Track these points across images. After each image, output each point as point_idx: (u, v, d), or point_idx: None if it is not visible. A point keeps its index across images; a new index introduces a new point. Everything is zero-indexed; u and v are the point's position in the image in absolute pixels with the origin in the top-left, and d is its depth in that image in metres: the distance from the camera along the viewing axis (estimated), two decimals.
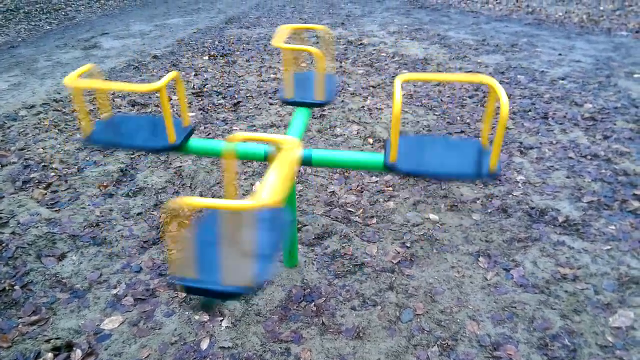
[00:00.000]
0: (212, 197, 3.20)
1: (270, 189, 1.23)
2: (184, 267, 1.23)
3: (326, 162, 1.95)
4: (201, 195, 3.20)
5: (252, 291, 1.21)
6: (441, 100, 4.70)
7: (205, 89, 5.08)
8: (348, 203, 3.12)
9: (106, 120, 2.15)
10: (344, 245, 2.74)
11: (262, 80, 5.33)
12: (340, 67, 5.75)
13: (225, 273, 1.21)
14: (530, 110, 4.42)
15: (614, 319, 2.21)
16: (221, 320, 2.26)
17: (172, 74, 1.87)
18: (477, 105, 4.56)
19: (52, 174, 3.49)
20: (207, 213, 1.50)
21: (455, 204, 3.08)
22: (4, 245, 2.75)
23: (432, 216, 2.97)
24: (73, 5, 10.26)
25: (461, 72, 5.47)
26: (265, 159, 2.00)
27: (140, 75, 5.56)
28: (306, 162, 1.97)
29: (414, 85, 5.07)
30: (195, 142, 2.03)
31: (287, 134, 2.10)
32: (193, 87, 5.15)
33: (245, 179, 3.41)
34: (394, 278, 2.50)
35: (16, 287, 2.46)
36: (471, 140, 1.90)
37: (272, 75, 5.48)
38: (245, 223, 1.16)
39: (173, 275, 1.20)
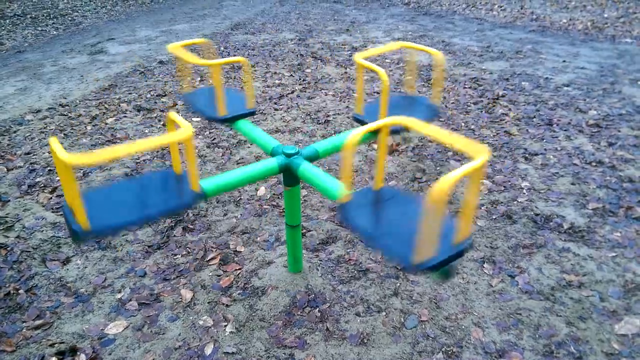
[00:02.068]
0: (217, 203, 3.20)
1: (104, 152, 1.34)
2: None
3: (316, 183, 1.88)
4: (206, 201, 3.21)
5: (86, 235, 1.43)
6: (446, 106, 4.70)
7: None
8: None
9: (208, 88, 2.46)
10: (348, 250, 2.74)
11: (267, 86, 5.35)
12: (345, 73, 5.76)
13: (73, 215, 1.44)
14: (534, 117, 4.41)
15: (620, 326, 2.20)
16: (225, 326, 2.26)
17: (239, 58, 2.06)
18: (481, 111, 4.56)
19: (58, 178, 3.51)
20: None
21: (460, 210, 3.07)
22: (9, 249, 2.76)
23: None
24: (80, 11, 10.34)
25: (467, 78, 5.47)
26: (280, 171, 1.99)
27: (146, 81, 5.59)
28: (300, 175, 1.95)
29: (419, 92, 5.07)
30: (244, 124, 2.21)
31: (315, 143, 2.11)
32: None
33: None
34: (398, 284, 2.49)
35: (21, 291, 2.46)
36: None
37: (277, 81, 5.50)
38: (65, 172, 1.35)
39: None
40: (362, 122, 2.20)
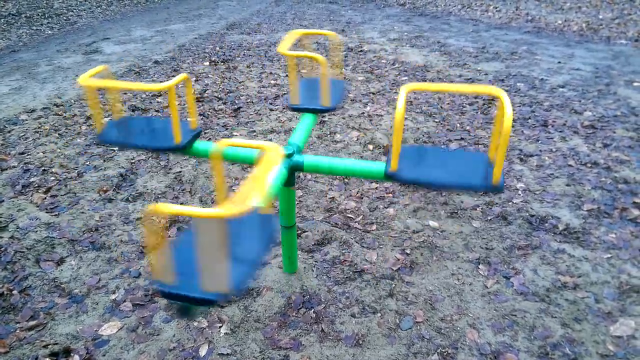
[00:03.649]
0: (212, 203, 3.19)
1: (244, 197, 1.23)
2: (164, 273, 1.24)
3: (327, 170, 1.94)
4: (201, 201, 3.20)
5: (227, 298, 1.24)
6: (441, 107, 4.71)
7: (206, 95, 5.09)
8: (348, 209, 3.12)
9: (117, 120, 2.21)
10: (343, 251, 2.73)
11: (263, 86, 5.34)
12: (341, 72, 5.76)
13: (203, 279, 1.21)
14: (530, 118, 4.42)
15: (615, 327, 2.20)
16: (220, 327, 2.25)
17: (182, 75, 1.92)
18: (476, 112, 4.57)
19: (52, 178, 3.49)
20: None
21: (455, 211, 3.07)
22: (2, 249, 2.74)
23: (432, 223, 2.97)
24: (75, 10, 10.29)
25: (462, 79, 5.48)
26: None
27: (141, 80, 5.57)
28: (307, 168, 1.97)
29: (414, 92, 5.07)
30: (201, 144, 2.06)
31: (291, 139, 2.10)
32: (194, 92, 5.16)
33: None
34: (393, 285, 2.49)
35: (14, 292, 2.44)
36: (478, 153, 1.88)
37: (272, 82, 5.49)
38: (216, 230, 1.16)
39: (154, 280, 1.23)
40: (299, 110, 2.25)
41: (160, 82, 5.51)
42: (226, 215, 1.11)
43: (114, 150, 3.90)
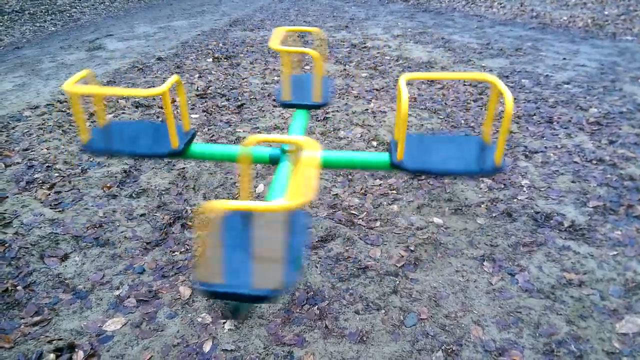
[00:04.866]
0: (216, 199, 3.19)
1: (297, 191, 1.18)
2: (210, 273, 1.18)
3: (333, 163, 1.93)
4: (204, 197, 3.20)
5: (281, 294, 1.20)
6: (445, 103, 4.69)
7: (209, 91, 5.08)
8: (351, 206, 3.11)
9: (103, 127, 2.13)
10: (347, 248, 2.73)
11: (266, 83, 5.33)
12: (344, 70, 5.74)
13: (255, 276, 1.17)
14: (535, 115, 4.40)
15: (621, 325, 2.19)
16: (224, 323, 2.25)
17: (174, 77, 1.88)
18: (481, 108, 4.55)
19: (56, 174, 3.49)
20: (225, 217, 1.46)
21: (460, 207, 3.06)
22: (7, 245, 2.75)
23: (437, 220, 2.95)
24: (78, 7, 10.29)
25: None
26: (271, 162, 1.99)
27: (145, 77, 5.56)
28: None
29: (418, 89, 5.05)
30: (197, 146, 2.04)
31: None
32: (197, 88, 5.15)
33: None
34: (397, 282, 2.48)
35: (19, 288, 2.45)
36: (473, 137, 1.97)
37: (275, 78, 5.48)
38: (275, 225, 1.13)
39: (198, 281, 1.16)
40: (289, 106, 2.30)
41: (164, 79, 5.50)
42: (293, 207, 1.07)
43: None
